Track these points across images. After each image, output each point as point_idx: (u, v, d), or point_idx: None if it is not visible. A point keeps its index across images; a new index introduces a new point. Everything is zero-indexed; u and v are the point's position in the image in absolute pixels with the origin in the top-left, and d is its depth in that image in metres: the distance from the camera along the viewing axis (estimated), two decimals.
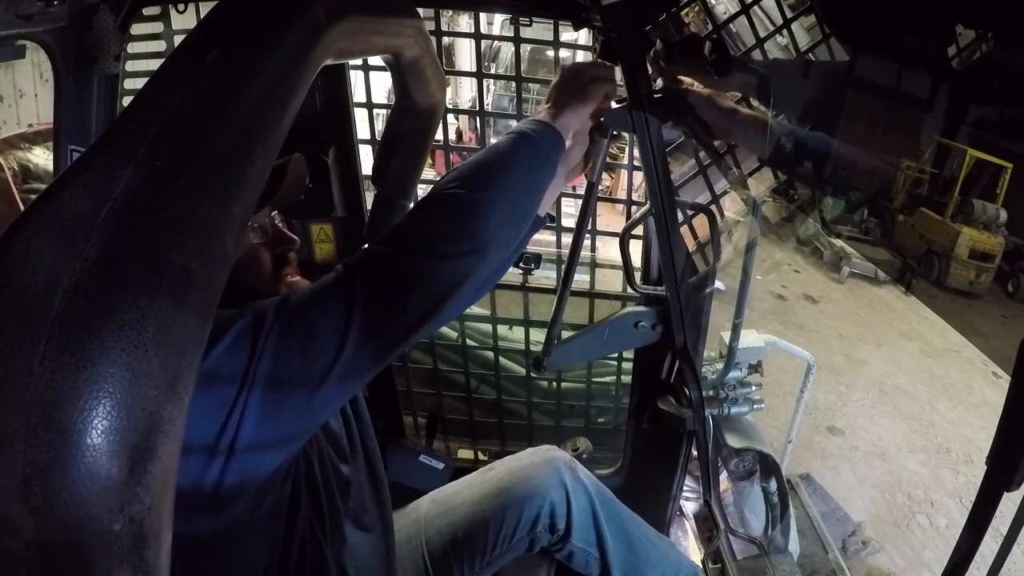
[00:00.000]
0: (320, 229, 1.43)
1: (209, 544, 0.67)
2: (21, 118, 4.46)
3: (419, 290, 0.70)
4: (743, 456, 1.45)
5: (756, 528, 1.52)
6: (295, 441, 0.70)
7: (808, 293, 5.88)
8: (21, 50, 1.13)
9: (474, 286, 0.77)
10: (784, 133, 0.99)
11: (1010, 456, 0.53)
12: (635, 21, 0.96)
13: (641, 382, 1.49)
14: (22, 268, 0.36)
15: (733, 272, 1.25)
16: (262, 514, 0.71)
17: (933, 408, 4.47)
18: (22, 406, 0.33)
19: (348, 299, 0.66)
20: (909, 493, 3.60)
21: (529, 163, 0.82)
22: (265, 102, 0.48)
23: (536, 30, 1.44)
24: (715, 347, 1.44)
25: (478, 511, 1.18)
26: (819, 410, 4.16)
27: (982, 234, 4.72)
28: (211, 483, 0.62)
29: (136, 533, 0.36)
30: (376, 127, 1.45)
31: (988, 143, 2.35)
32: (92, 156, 0.41)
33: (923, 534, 3.30)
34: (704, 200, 1.27)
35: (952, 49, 0.68)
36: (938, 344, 5.24)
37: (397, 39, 0.83)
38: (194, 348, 0.41)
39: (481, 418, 1.79)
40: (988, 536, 0.57)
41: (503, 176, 0.79)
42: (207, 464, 0.61)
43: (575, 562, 1.21)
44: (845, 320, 5.54)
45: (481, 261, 0.75)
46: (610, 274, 1.60)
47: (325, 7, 0.55)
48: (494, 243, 0.77)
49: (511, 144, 0.83)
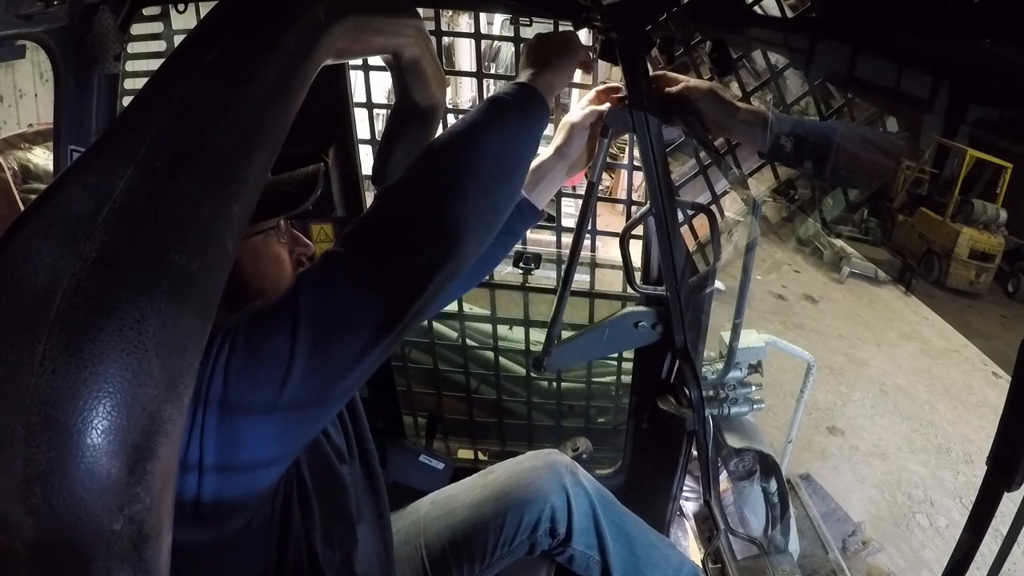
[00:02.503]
0: (320, 229, 1.43)
1: (193, 554, 0.61)
2: (21, 118, 4.46)
3: (373, 296, 0.60)
4: (743, 456, 1.45)
5: (756, 528, 1.52)
6: (272, 465, 0.62)
7: (808, 293, 5.88)
8: (21, 50, 1.13)
9: (445, 284, 0.66)
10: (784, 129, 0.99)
11: (1010, 456, 0.53)
12: (635, 21, 0.96)
13: (641, 382, 1.49)
14: (22, 268, 0.36)
15: (733, 272, 1.24)
16: (253, 528, 0.67)
17: (933, 408, 4.47)
18: (22, 406, 0.33)
19: (292, 315, 0.57)
20: (909, 493, 3.59)
21: (503, 130, 0.71)
22: (265, 102, 0.48)
23: (536, 30, 1.43)
24: (715, 347, 1.44)
25: (478, 514, 1.18)
26: (819, 410, 4.16)
27: (982, 234, 4.72)
28: (191, 498, 0.58)
29: (136, 533, 0.36)
30: (376, 127, 1.45)
31: (988, 143, 2.34)
32: (92, 156, 0.41)
33: (923, 534, 3.30)
34: (704, 200, 1.27)
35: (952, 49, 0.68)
36: (938, 344, 5.24)
37: (397, 39, 0.83)
38: (194, 348, 0.41)
39: (481, 418, 1.79)
40: (988, 536, 0.57)
41: (472, 149, 0.68)
42: (183, 478, 0.57)
43: (575, 565, 1.21)
44: (845, 320, 5.54)
45: (449, 254, 0.64)
46: (610, 274, 1.60)
47: (325, 7, 0.55)
48: (464, 231, 0.65)
49: (481, 112, 0.72)
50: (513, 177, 0.73)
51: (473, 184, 0.67)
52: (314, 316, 0.57)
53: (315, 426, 0.66)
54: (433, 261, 0.63)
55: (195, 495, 0.57)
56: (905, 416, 4.34)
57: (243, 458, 0.58)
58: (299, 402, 0.57)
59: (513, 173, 0.73)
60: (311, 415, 0.61)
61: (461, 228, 0.65)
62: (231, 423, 0.57)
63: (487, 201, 0.69)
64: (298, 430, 0.62)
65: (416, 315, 0.63)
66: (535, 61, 0.83)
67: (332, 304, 0.58)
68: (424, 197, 0.66)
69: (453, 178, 0.66)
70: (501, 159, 0.71)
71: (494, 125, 0.71)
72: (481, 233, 0.69)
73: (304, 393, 0.57)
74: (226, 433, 0.57)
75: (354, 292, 0.59)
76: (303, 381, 0.56)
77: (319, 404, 0.60)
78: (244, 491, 0.61)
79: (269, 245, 0.80)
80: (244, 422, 0.57)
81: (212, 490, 0.57)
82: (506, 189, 0.72)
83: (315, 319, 0.57)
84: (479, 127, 0.71)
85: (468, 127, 0.71)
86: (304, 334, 0.56)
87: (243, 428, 0.57)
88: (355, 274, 0.60)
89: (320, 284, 0.59)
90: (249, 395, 0.56)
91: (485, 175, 0.68)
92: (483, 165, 0.68)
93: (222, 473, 0.57)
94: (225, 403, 0.56)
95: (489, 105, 0.73)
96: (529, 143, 0.75)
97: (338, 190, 1.38)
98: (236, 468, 0.58)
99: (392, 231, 0.63)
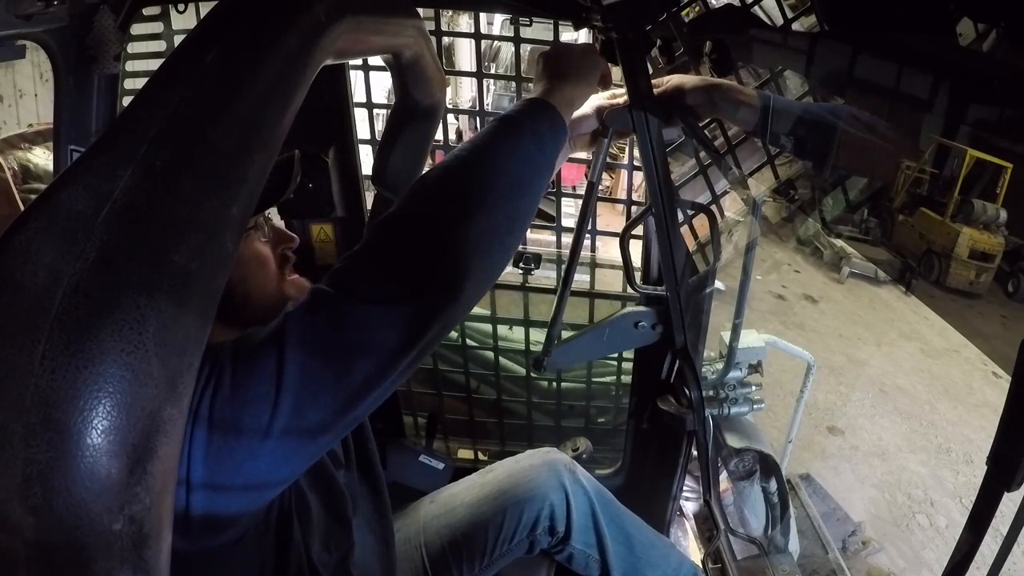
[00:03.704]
0: (320, 229, 1.43)
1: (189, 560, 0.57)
2: (21, 118, 4.46)
3: (363, 347, 0.54)
4: (743, 456, 1.45)
5: (756, 528, 1.52)
6: (265, 490, 0.58)
7: (808, 293, 5.88)
8: (21, 50, 1.13)
9: (445, 331, 0.60)
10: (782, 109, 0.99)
11: (1010, 456, 0.53)
12: (635, 21, 0.95)
13: (641, 382, 1.49)
14: (22, 268, 0.36)
15: (733, 272, 1.25)
16: (247, 538, 0.64)
17: (933, 408, 4.47)
18: (22, 406, 0.34)
19: (278, 361, 0.52)
20: (909, 493, 3.59)
21: (514, 154, 0.63)
22: (265, 102, 0.48)
23: (536, 30, 1.43)
24: (715, 347, 1.44)
25: (477, 513, 1.18)
26: (819, 410, 4.16)
27: (982, 234, 4.72)
28: (180, 509, 0.53)
29: (136, 533, 0.36)
30: (376, 127, 1.45)
31: (988, 143, 2.34)
32: (92, 156, 0.41)
33: (923, 534, 3.30)
34: (704, 200, 1.27)
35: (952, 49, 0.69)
36: (938, 344, 5.24)
37: (397, 39, 0.83)
38: (194, 348, 0.41)
39: (481, 418, 1.79)
40: (988, 536, 0.57)
41: (478, 177, 0.61)
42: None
43: (575, 564, 1.21)
44: (845, 320, 5.53)
45: (451, 301, 0.58)
46: (610, 274, 1.60)
47: (325, 7, 0.55)
48: (468, 277, 0.58)
49: (489, 134, 0.64)
50: (524, 209, 0.64)
51: (478, 219, 0.59)
52: (299, 366, 0.52)
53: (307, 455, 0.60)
54: (430, 309, 0.56)
55: (184, 508, 0.53)
56: (905, 416, 4.34)
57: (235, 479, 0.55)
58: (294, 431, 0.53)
59: (524, 205, 0.64)
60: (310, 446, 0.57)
61: (465, 273, 0.57)
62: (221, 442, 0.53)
63: (494, 239, 0.61)
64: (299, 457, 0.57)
65: (411, 364, 0.57)
66: (552, 73, 0.74)
67: (319, 353, 0.53)
68: (421, 235, 0.58)
69: (456, 213, 0.58)
70: (511, 189, 0.62)
71: (503, 149, 0.63)
72: (486, 275, 0.62)
73: (286, 444, 0.53)
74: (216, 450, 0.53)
75: (342, 342, 0.54)
76: (285, 434, 0.52)
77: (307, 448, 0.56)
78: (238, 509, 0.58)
79: (249, 246, 0.76)
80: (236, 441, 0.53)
81: (201, 504, 0.54)
82: (516, 224, 0.64)
83: (300, 369, 0.52)
84: (487, 152, 0.63)
85: (474, 151, 0.63)
86: (289, 384, 0.52)
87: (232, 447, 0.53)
88: (343, 322, 0.54)
89: (307, 330, 0.54)
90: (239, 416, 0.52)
91: (492, 208, 0.60)
92: (490, 196, 0.60)
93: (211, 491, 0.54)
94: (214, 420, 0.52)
95: (498, 125, 0.65)
96: (544, 169, 0.66)
97: (338, 190, 1.38)
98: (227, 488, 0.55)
99: (385, 274, 0.57)
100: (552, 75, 0.74)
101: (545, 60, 0.77)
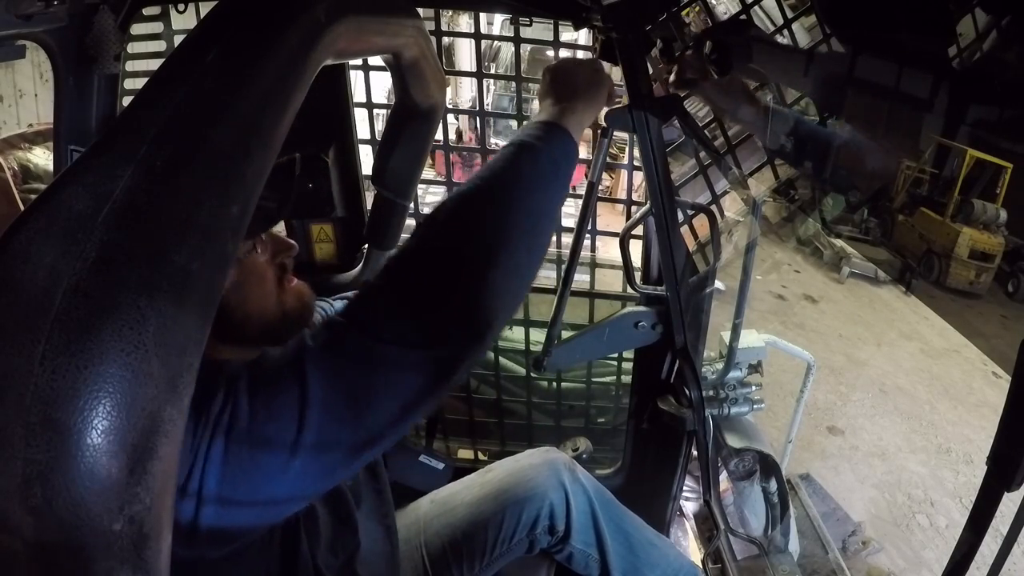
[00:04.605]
0: (320, 229, 1.43)
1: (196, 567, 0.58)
2: (21, 118, 4.46)
3: (391, 384, 0.54)
4: (743, 456, 1.45)
5: (756, 528, 1.52)
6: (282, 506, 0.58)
7: (808, 293, 5.88)
8: (21, 50, 1.13)
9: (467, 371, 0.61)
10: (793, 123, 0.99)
11: (1010, 456, 0.53)
12: (635, 21, 0.96)
13: (641, 382, 1.49)
14: (22, 268, 0.36)
15: (733, 272, 1.25)
16: (252, 549, 0.65)
17: (933, 408, 4.47)
18: (22, 406, 0.33)
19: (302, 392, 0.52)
20: (909, 493, 3.60)
21: (537, 185, 0.62)
22: (265, 102, 0.48)
23: (536, 30, 1.44)
24: (715, 347, 1.44)
25: (477, 512, 1.18)
26: (819, 410, 4.16)
27: (982, 234, 4.73)
28: (186, 522, 0.54)
29: (136, 533, 0.36)
30: (376, 127, 1.45)
31: (988, 143, 2.34)
32: (92, 156, 0.41)
33: (923, 534, 3.30)
34: (704, 200, 1.27)
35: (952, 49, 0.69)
36: (938, 344, 5.24)
37: (397, 39, 0.83)
38: (194, 348, 0.41)
39: (481, 418, 1.79)
40: (988, 536, 0.57)
41: (505, 220, 0.58)
42: (180, 503, 0.53)
43: (575, 563, 1.21)
44: (845, 320, 5.54)
45: (479, 345, 0.57)
46: (610, 274, 1.61)
47: (325, 7, 0.55)
48: (496, 319, 0.57)
49: (510, 161, 0.62)
50: (545, 241, 0.63)
51: (503, 259, 0.57)
52: (321, 403, 0.52)
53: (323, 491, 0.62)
54: (459, 353, 0.56)
55: (191, 521, 0.53)
56: (905, 416, 4.34)
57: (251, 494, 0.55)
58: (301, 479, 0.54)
59: (545, 239, 0.63)
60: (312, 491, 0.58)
61: (492, 315, 0.56)
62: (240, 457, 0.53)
63: (518, 276, 0.60)
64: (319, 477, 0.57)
65: (435, 402, 0.57)
66: (561, 94, 0.72)
67: (344, 393, 0.53)
68: (449, 276, 0.56)
69: (483, 252, 0.56)
70: (534, 225, 0.60)
71: (524, 182, 0.60)
72: (510, 313, 0.61)
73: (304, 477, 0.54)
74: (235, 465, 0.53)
75: (367, 382, 0.54)
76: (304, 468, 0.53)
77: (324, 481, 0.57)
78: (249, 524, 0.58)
79: (245, 262, 0.74)
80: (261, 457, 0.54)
81: (210, 516, 0.54)
82: (536, 256, 0.62)
83: (323, 406, 0.52)
84: (509, 186, 0.60)
85: (497, 184, 0.60)
86: (311, 422, 0.52)
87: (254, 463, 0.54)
88: (369, 363, 0.54)
89: (330, 368, 0.54)
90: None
91: (517, 245, 0.58)
92: (516, 233, 0.58)
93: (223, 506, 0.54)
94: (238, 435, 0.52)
95: (518, 153, 0.62)
96: (561, 197, 0.65)
97: (338, 190, 1.38)
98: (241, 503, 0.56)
99: (412, 316, 0.55)
100: (561, 95, 0.72)
101: (553, 76, 0.76)
